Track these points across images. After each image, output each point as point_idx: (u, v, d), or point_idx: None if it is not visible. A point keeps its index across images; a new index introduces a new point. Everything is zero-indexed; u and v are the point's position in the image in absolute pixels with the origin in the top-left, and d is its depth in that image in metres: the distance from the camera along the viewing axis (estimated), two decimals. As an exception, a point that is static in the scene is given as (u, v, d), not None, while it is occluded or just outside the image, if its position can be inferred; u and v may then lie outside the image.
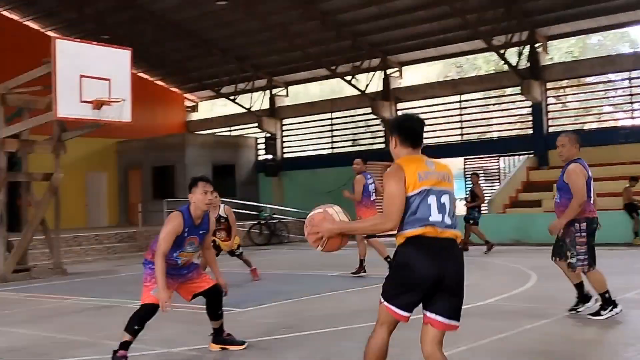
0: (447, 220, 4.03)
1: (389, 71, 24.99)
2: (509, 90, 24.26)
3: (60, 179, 14.22)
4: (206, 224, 6.05)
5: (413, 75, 26.50)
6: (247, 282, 11.34)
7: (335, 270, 13.02)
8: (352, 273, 11.69)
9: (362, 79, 24.81)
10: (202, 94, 31.31)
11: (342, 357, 5.81)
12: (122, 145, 27.88)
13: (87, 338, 7.11)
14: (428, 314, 4.01)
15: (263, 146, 28.22)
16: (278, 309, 8.50)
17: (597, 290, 7.07)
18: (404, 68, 25.42)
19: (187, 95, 31.64)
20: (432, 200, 4.00)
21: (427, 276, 3.91)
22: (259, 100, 28.40)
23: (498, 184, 22.44)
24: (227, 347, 6.23)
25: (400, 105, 25.16)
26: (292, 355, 5.95)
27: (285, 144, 28.66)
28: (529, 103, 22.20)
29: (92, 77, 12.50)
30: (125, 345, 5.76)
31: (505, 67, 22.24)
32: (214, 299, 6.14)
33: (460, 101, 24.22)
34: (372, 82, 24.64)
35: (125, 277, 13.38)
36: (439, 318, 3.98)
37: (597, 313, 7.05)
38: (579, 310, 7.31)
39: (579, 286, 7.32)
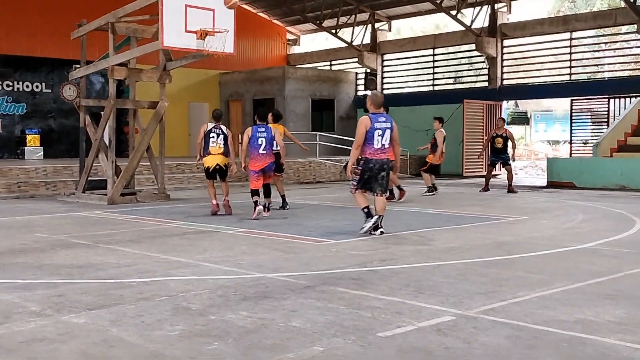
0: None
1: (497, 5, 24.04)
2: (624, 29, 22.95)
3: (165, 107, 14.65)
4: None
5: (522, 10, 25.41)
6: (351, 215, 11.43)
7: (430, 207, 12.99)
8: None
9: (467, 14, 24.03)
10: (304, 27, 31.21)
11: (433, 290, 5.81)
12: (224, 76, 28.33)
13: (186, 259, 7.40)
14: None
15: (363, 82, 28.02)
16: (372, 242, 8.55)
17: (358, 205, 9.14)
18: (513, 2, 24.42)
19: (289, 29, 31.62)
20: None
21: None
22: (360, 35, 28.10)
23: (606, 126, 21.52)
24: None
25: (506, 42, 24.30)
26: (384, 286, 6.00)
27: (385, 80, 28.34)
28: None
29: (197, 7, 12.63)
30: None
31: (622, 4, 20.97)
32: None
33: (571, 39, 23.14)
34: (477, 17, 23.83)
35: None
36: None
37: (362, 227, 9.03)
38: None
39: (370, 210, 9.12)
